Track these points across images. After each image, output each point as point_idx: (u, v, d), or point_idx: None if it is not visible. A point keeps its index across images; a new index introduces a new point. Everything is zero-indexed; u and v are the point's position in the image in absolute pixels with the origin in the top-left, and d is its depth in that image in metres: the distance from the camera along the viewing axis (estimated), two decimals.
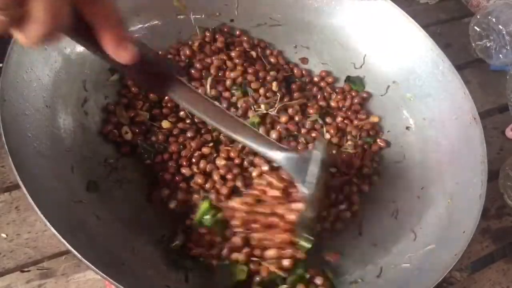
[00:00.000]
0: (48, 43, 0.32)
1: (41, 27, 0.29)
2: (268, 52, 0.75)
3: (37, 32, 0.30)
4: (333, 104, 0.72)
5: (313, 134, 0.67)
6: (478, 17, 0.94)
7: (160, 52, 0.69)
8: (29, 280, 0.56)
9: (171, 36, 0.71)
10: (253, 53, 0.73)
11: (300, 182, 0.49)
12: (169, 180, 0.59)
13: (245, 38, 0.74)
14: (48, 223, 0.43)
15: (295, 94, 0.70)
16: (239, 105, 0.66)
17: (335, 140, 0.68)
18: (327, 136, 0.68)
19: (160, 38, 0.71)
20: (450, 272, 0.51)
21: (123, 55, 0.35)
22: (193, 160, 0.60)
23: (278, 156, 0.49)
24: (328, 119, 0.70)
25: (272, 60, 0.74)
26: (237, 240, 0.52)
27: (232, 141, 0.61)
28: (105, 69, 0.64)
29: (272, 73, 0.70)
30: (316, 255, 0.58)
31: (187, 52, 0.69)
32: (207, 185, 0.59)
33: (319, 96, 0.73)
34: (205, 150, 0.61)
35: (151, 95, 0.64)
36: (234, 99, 0.67)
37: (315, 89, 0.74)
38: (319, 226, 0.60)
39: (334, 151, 0.66)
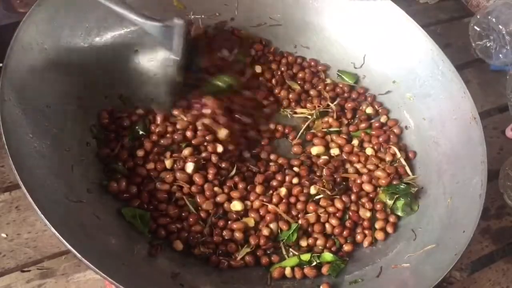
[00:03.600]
0: None
1: None
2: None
3: None
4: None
5: None
6: (478, 17, 0.94)
7: None
8: (29, 280, 0.56)
9: None
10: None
11: (168, 49, 0.56)
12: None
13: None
14: (48, 223, 0.43)
15: None
16: None
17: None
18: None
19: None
20: (450, 272, 0.51)
21: None
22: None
23: (146, 25, 0.54)
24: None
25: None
26: None
27: None
28: (105, 70, 0.64)
29: None
30: None
31: None
32: None
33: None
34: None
35: None
36: None
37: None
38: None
39: None
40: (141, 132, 0.62)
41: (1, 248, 0.58)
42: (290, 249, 0.59)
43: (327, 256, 0.58)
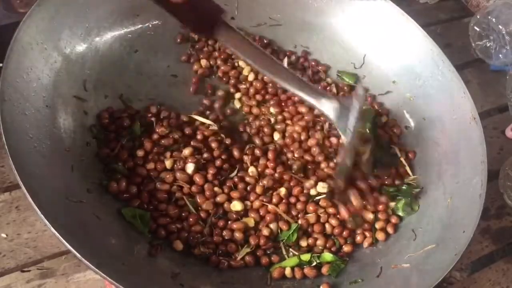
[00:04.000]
0: None
1: None
2: None
3: None
4: None
5: None
6: (478, 17, 0.94)
7: None
8: (29, 280, 0.56)
9: (171, 36, 0.71)
10: None
11: (341, 130, 0.53)
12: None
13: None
14: (48, 223, 0.43)
15: None
16: None
17: None
18: None
19: (160, 38, 0.71)
20: (450, 272, 0.51)
21: None
22: None
23: (322, 104, 0.52)
24: None
25: None
26: None
27: None
28: (105, 70, 0.64)
29: None
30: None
31: None
32: None
33: None
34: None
35: None
36: None
37: None
38: None
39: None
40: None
41: (1, 248, 0.58)
42: (290, 249, 0.59)
43: (327, 256, 0.58)
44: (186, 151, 0.60)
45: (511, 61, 0.91)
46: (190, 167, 0.59)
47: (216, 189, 0.60)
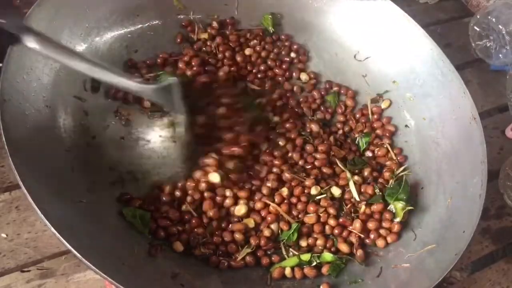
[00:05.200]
0: None
1: None
2: None
3: None
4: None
5: None
6: (478, 17, 0.94)
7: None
8: (29, 280, 0.56)
9: (171, 36, 0.71)
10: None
11: (172, 110, 0.57)
12: None
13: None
14: (48, 223, 0.43)
15: None
16: None
17: None
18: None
19: (160, 38, 0.71)
20: (450, 272, 0.51)
21: None
22: None
23: (144, 89, 0.54)
24: None
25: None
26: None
27: None
28: None
29: None
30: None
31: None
32: None
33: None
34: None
35: None
36: None
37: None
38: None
39: None
40: None
41: (1, 248, 0.58)
42: (290, 249, 0.59)
43: (327, 256, 0.58)
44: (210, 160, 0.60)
45: (511, 61, 0.91)
46: (215, 177, 0.59)
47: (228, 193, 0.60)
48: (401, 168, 0.66)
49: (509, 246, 0.73)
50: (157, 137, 0.63)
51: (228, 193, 0.60)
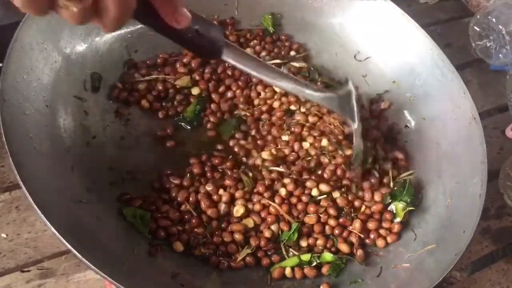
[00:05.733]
0: (120, 27, 0.36)
1: (114, 16, 0.34)
2: None
3: (111, 21, 0.34)
4: None
5: None
6: (478, 17, 0.94)
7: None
8: (29, 280, 0.56)
9: None
10: None
11: (347, 118, 0.58)
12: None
13: None
14: (48, 223, 0.43)
15: None
16: None
17: None
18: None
19: (160, 38, 0.70)
20: (450, 272, 0.51)
21: (180, 20, 0.41)
22: None
23: (322, 97, 0.56)
24: None
25: None
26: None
27: None
28: (106, 70, 0.64)
29: None
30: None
31: None
32: None
33: None
34: None
35: None
36: None
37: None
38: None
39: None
40: None
41: (1, 248, 0.58)
42: (290, 249, 0.59)
43: (327, 256, 0.58)
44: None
45: (511, 61, 0.91)
46: (239, 210, 0.59)
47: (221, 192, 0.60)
48: (408, 172, 0.66)
49: (509, 246, 0.73)
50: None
51: (223, 194, 0.60)
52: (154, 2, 0.39)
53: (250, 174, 0.62)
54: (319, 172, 0.63)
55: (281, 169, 0.62)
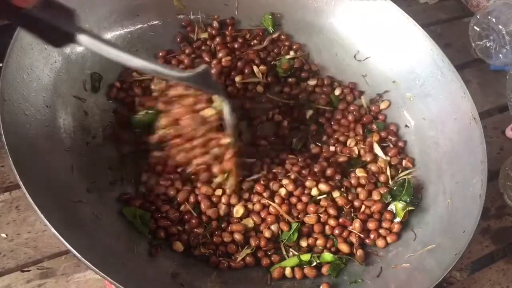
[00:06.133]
0: None
1: None
2: None
3: None
4: None
5: None
6: (478, 17, 0.94)
7: None
8: (29, 280, 0.56)
9: (171, 36, 0.71)
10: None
11: (213, 92, 0.57)
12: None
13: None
14: (48, 223, 0.43)
15: None
16: None
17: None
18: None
19: (160, 38, 0.71)
20: (450, 272, 0.51)
21: None
22: None
23: (182, 76, 0.53)
24: None
25: None
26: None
27: None
28: (105, 70, 0.64)
29: None
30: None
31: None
32: None
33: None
34: None
35: None
36: None
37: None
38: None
39: None
40: None
41: (1, 248, 0.58)
42: (290, 249, 0.59)
43: (327, 256, 0.58)
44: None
45: (511, 61, 0.91)
46: (239, 211, 0.59)
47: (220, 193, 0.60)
48: (406, 172, 0.66)
49: (509, 246, 0.73)
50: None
51: (221, 194, 0.60)
52: None
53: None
54: None
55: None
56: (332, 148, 0.68)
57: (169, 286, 0.51)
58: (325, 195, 0.61)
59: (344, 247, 0.59)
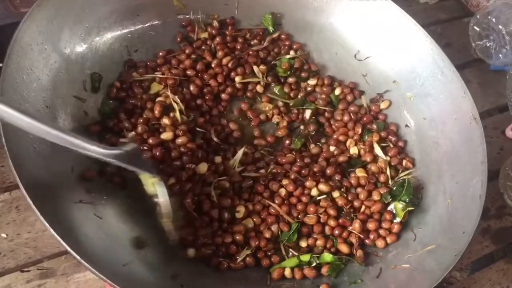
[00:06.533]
0: None
1: None
2: None
3: None
4: None
5: None
6: (478, 17, 0.94)
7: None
8: (29, 280, 0.56)
9: (171, 36, 0.71)
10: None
11: (145, 172, 0.51)
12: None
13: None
14: (47, 224, 0.42)
15: None
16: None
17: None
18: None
19: (160, 38, 0.71)
20: (450, 272, 0.51)
21: None
22: None
23: (108, 154, 0.46)
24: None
25: None
26: None
27: None
28: (105, 70, 0.64)
29: None
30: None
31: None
32: None
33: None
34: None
35: None
36: None
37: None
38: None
39: None
40: None
41: (1, 248, 0.58)
42: (290, 250, 0.59)
43: (327, 256, 0.58)
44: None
45: (511, 61, 0.91)
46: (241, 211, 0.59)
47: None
48: (407, 172, 0.66)
49: (509, 246, 0.73)
50: None
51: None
52: None
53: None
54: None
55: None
56: (332, 148, 0.68)
57: (169, 286, 0.51)
58: (325, 196, 0.61)
59: (344, 248, 0.59)
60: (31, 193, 0.43)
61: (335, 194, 0.62)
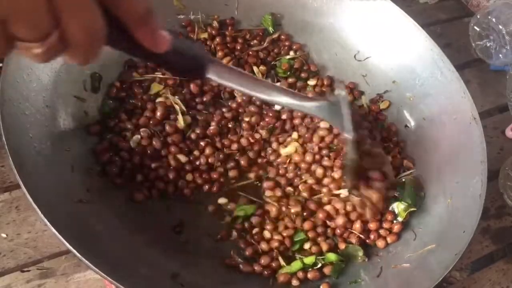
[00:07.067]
0: (94, 57, 0.31)
1: (83, 44, 0.29)
2: None
3: (82, 51, 0.30)
4: None
5: None
6: (478, 17, 0.94)
7: None
8: (29, 280, 0.56)
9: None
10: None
11: (339, 127, 0.52)
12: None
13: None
14: (48, 223, 0.43)
15: None
16: None
17: None
18: None
19: None
20: (450, 272, 0.51)
21: (160, 43, 0.36)
22: None
23: (312, 106, 0.50)
24: None
25: None
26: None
27: None
28: (105, 70, 0.64)
29: None
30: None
31: None
32: None
33: None
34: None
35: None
36: None
37: None
38: None
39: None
40: None
41: (1, 248, 0.58)
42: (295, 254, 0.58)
43: (331, 256, 0.57)
44: None
45: (511, 61, 0.91)
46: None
47: None
48: (407, 172, 0.66)
49: (509, 246, 0.73)
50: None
51: None
52: (129, 26, 0.34)
53: None
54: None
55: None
56: None
57: (169, 286, 0.51)
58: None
59: (344, 248, 0.59)
60: (31, 192, 0.43)
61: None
